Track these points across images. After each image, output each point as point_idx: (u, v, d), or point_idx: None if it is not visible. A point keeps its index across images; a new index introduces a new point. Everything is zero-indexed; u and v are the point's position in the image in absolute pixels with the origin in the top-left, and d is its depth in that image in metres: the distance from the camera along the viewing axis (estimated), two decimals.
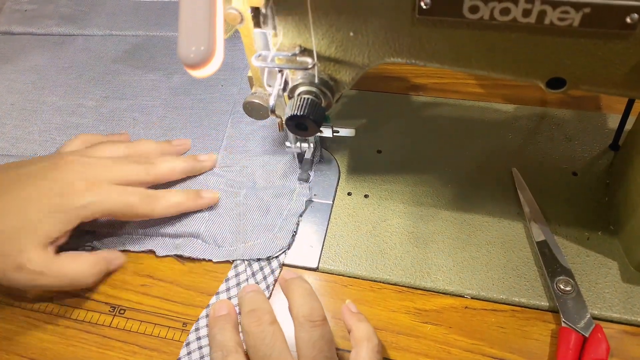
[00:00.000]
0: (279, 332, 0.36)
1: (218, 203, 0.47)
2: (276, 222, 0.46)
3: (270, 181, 0.49)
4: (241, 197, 0.48)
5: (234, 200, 0.47)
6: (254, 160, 0.51)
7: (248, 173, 0.50)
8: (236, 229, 0.45)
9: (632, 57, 0.29)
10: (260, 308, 0.38)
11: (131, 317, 0.42)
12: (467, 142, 0.51)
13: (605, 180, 0.47)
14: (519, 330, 0.39)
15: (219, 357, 0.36)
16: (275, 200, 0.47)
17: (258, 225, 0.46)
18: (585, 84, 0.31)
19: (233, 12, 0.34)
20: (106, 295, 0.43)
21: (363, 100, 0.57)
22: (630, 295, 0.40)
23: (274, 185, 0.49)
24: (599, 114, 0.53)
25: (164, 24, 0.67)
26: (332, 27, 0.32)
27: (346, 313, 0.38)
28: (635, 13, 0.27)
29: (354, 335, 0.36)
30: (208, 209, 0.47)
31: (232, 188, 0.48)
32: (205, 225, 0.45)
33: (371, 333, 0.36)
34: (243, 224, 0.46)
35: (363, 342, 0.35)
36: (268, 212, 0.46)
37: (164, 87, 0.59)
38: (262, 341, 0.35)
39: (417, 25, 0.31)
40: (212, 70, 0.31)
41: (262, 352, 0.35)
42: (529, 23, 0.28)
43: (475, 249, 0.44)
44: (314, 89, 0.35)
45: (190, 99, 0.58)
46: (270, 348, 0.35)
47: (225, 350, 0.36)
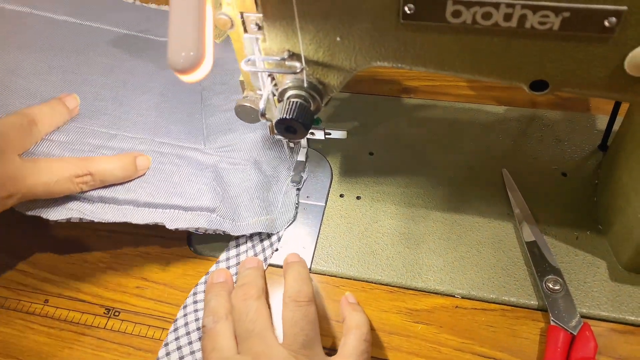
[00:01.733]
0: (264, 309, 0.37)
1: (226, 179, 0.48)
2: (277, 198, 0.48)
3: (265, 155, 0.50)
4: (247, 173, 0.49)
5: (240, 176, 0.48)
6: (244, 138, 0.51)
7: (244, 149, 0.50)
8: (249, 203, 0.46)
9: (611, 59, 0.29)
10: (250, 283, 0.39)
11: (126, 319, 0.42)
12: (457, 144, 0.52)
13: (594, 180, 0.48)
14: (509, 329, 0.40)
15: (209, 322, 0.38)
16: (275, 174, 0.49)
17: (265, 200, 0.47)
18: (568, 86, 0.32)
19: (223, 17, 0.35)
20: (101, 297, 0.44)
21: (355, 103, 0.57)
22: (618, 294, 0.40)
23: (268, 160, 0.50)
24: (588, 115, 0.53)
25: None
26: (319, 32, 0.33)
27: (343, 303, 0.40)
28: (613, 17, 0.27)
29: (346, 324, 0.38)
30: (219, 184, 0.47)
31: (235, 165, 0.49)
32: (221, 200, 0.46)
33: (362, 322, 0.37)
34: (252, 199, 0.47)
35: (352, 329, 0.37)
36: (270, 188, 0.48)
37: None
38: (246, 316, 0.37)
39: (402, 29, 0.31)
40: (202, 75, 0.31)
41: (244, 327, 0.36)
42: (510, 27, 0.29)
43: (466, 249, 0.44)
44: (302, 92, 0.36)
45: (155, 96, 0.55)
46: (252, 323, 0.36)
47: (216, 316, 0.38)
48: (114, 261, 0.46)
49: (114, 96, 0.51)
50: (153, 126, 0.50)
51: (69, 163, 0.41)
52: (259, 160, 0.50)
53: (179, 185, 0.45)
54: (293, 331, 0.36)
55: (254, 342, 0.35)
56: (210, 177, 0.47)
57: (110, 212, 0.42)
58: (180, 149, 0.49)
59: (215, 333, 0.37)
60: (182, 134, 0.51)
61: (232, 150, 0.50)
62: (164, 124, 0.51)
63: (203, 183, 0.46)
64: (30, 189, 0.38)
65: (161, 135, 0.49)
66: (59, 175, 0.39)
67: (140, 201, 0.43)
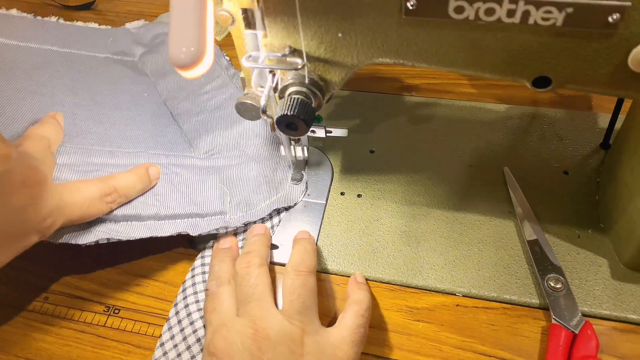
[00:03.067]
0: (265, 275, 0.38)
1: (229, 176, 0.48)
2: (286, 175, 0.49)
3: (255, 143, 0.51)
4: (246, 165, 0.49)
5: (241, 170, 0.49)
6: (225, 136, 0.51)
7: (231, 146, 0.51)
8: (257, 190, 0.47)
9: (615, 56, 0.29)
10: (254, 251, 0.40)
11: (126, 317, 0.42)
12: (459, 142, 0.52)
13: (596, 178, 0.47)
14: (510, 328, 0.40)
15: (212, 286, 0.39)
16: (273, 154, 0.50)
17: (271, 181, 0.48)
18: (571, 83, 0.31)
19: (224, 13, 0.34)
20: (101, 295, 0.44)
21: (356, 101, 0.57)
22: (620, 293, 0.40)
23: (260, 145, 0.51)
24: (590, 113, 0.53)
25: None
26: (320, 28, 0.33)
27: (351, 282, 0.41)
28: (617, 13, 0.27)
29: (348, 300, 0.39)
30: (225, 183, 0.47)
31: (231, 163, 0.49)
32: (229, 198, 0.46)
33: (363, 298, 0.39)
34: (259, 185, 0.48)
35: (352, 304, 0.38)
36: (275, 168, 0.49)
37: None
38: (247, 281, 0.38)
39: (404, 25, 0.31)
40: (203, 71, 0.31)
41: (245, 292, 0.37)
42: (513, 23, 0.29)
43: (467, 247, 0.44)
44: (304, 89, 0.36)
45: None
46: (252, 288, 0.37)
47: (219, 281, 0.39)
48: (113, 259, 0.46)
49: (91, 115, 0.51)
50: (142, 139, 0.50)
51: (94, 184, 0.40)
52: (251, 150, 0.50)
53: (187, 195, 0.45)
54: (290, 298, 0.37)
55: (253, 306, 0.36)
56: (214, 180, 0.47)
57: (136, 229, 0.42)
58: (174, 157, 0.49)
59: (217, 296, 0.38)
60: (169, 144, 0.51)
61: (221, 151, 0.50)
62: (150, 137, 0.51)
63: (209, 187, 0.46)
64: (68, 216, 0.38)
65: (153, 147, 0.50)
66: (90, 197, 0.39)
67: (161, 214, 0.43)
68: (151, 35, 0.66)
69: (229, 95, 0.56)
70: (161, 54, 0.62)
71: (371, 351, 0.39)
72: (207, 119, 0.53)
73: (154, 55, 0.62)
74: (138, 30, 0.67)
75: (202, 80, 0.58)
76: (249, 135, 0.52)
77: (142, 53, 0.63)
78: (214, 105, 0.55)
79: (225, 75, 0.59)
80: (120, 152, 0.47)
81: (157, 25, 0.67)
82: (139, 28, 0.68)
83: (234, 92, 0.56)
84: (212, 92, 0.57)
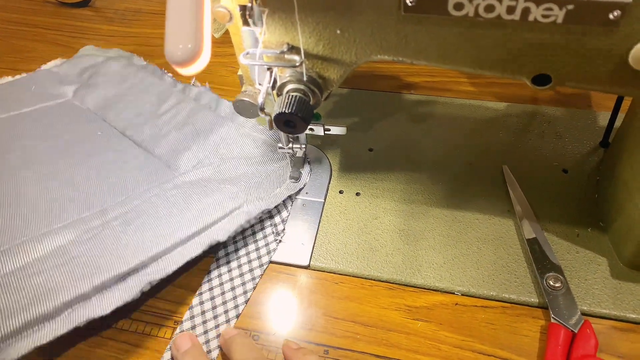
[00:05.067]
0: None
1: (231, 177, 0.48)
2: (283, 164, 0.50)
3: (239, 146, 0.51)
4: (240, 166, 0.49)
5: (238, 170, 0.49)
6: (204, 149, 0.51)
7: (217, 155, 0.50)
8: (266, 179, 0.48)
9: (615, 53, 0.29)
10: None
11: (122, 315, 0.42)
12: (458, 140, 0.52)
13: (595, 177, 0.47)
14: (509, 327, 0.39)
15: None
16: (265, 151, 0.51)
17: (274, 172, 0.49)
18: (571, 81, 0.31)
19: (222, 10, 0.34)
20: None
21: (354, 99, 0.57)
22: (619, 291, 0.40)
23: (246, 147, 0.51)
24: (590, 112, 0.53)
25: None
26: (318, 24, 0.32)
27: (288, 353, 0.38)
28: (617, 9, 0.27)
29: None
30: (230, 184, 0.47)
31: (223, 165, 0.49)
32: (239, 191, 0.46)
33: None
34: (267, 176, 0.48)
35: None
36: (273, 161, 0.50)
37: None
38: None
39: (403, 22, 0.31)
40: (199, 68, 0.31)
41: None
42: (513, 20, 0.29)
43: (466, 246, 0.44)
44: (302, 86, 0.36)
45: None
46: None
47: None
48: None
49: (60, 183, 0.48)
50: (122, 184, 0.48)
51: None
52: (236, 153, 0.51)
53: (197, 209, 0.44)
54: None
55: None
56: (214, 185, 0.47)
57: (170, 262, 0.41)
58: (167, 183, 0.48)
59: None
60: (151, 175, 0.49)
61: (205, 164, 0.50)
62: (128, 177, 0.48)
63: (213, 191, 0.46)
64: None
65: (138, 185, 0.48)
66: None
67: (184, 237, 0.42)
68: (78, 71, 0.63)
69: (190, 110, 0.55)
70: (99, 88, 0.60)
71: (369, 350, 0.39)
72: (178, 138, 0.52)
73: (92, 91, 0.60)
74: (60, 69, 0.64)
75: (155, 102, 0.57)
76: (227, 141, 0.51)
77: (76, 90, 0.60)
78: (179, 124, 0.54)
79: (175, 91, 0.58)
80: (111, 206, 0.45)
81: (80, 60, 0.65)
82: (60, 66, 0.64)
83: (193, 105, 0.56)
84: (170, 111, 0.56)
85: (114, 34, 0.70)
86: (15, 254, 0.40)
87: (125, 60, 0.63)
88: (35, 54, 0.68)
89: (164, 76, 0.61)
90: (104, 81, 0.61)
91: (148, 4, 0.75)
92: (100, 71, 0.62)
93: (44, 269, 0.39)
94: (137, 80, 0.61)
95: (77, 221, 0.44)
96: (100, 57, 0.65)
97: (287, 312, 0.41)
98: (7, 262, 0.40)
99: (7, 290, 0.37)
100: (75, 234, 0.42)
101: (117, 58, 0.64)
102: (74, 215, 0.44)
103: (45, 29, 0.72)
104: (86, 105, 0.59)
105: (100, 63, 0.63)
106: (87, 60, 0.64)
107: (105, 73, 0.62)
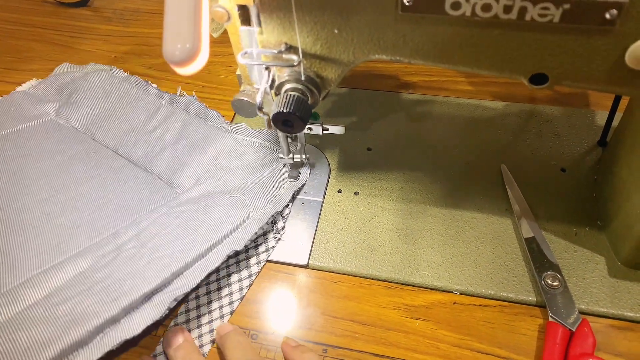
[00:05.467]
0: None
1: (234, 186, 0.48)
2: (285, 170, 0.50)
3: (235, 156, 0.51)
4: (239, 175, 0.49)
5: (238, 179, 0.49)
6: (200, 164, 0.51)
7: (215, 169, 0.50)
8: (270, 184, 0.48)
9: (612, 52, 0.29)
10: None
11: None
12: (456, 139, 0.52)
13: (593, 176, 0.47)
14: (507, 325, 0.39)
15: None
16: (260, 156, 0.51)
17: (273, 174, 0.49)
18: (568, 80, 0.31)
19: (220, 10, 0.34)
20: None
21: (353, 98, 0.57)
22: (617, 290, 0.40)
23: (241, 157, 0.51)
24: (588, 111, 0.53)
25: None
26: (316, 24, 0.33)
27: (287, 350, 0.38)
28: (614, 9, 0.27)
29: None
30: (236, 191, 0.47)
31: (225, 177, 0.49)
32: (246, 199, 0.46)
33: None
34: (270, 179, 0.49)
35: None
36: (271, 165, 0.50)
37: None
38: None
39: (400, 22, 0.31)
40: (197, 68, 0.31)
41: None
42: (510, 19, 0.29)
43: (464, 245, 0.44)
44: (300, 86, 0.36)
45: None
46: None
47: None
48: None
49: (63, 208, 0.47)
50: (135, 203, 0.48)
51: None
52: (234, 164, 0.50)
53: (212, 223, 0.44)
54: None
55: None
56: (224, 197, 0.47)
57: (191, 277, 0.41)
58: (173, 201, 0.47)
59: None
60: (155, 194, 0.49)
61: (207, 178, 0.49)
62: (133, 199, 0.48)
63: (220, 204, 0.46)
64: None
65: (148, 205, 0.48)
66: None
67: (203, 252, 0.42)
68: (56, 89, 0.60)
69: (182, 123, 0.54)
70: (83, 106, 0.57)
71: (368, 349, 0.39)
72: (174, 154, 0.52)
73: (75, 109, 0.57)
74: (37, 89, 0.61)
75: (143, 118, 0.55)
76: (225, 152, 0.51)
77: (58, 108, 0.58)
78: (173, 139, 0.53)
79: (163, 103, 0.57)
80: (121, 229, 0.45)
81: (57, 78, 0.62)
82: (37, 87, 0.61)
83: (185, 117, 0.55)
84: (161, 126, 0.54)
85: (112, 34, 0.70)
86: (36, 284, 0.40)
87: (105, 73, 0.61)
88: (34, 54, 0.68)
89: (148, 87, 0.59)
90: (87, 97, 0.58)
91: (146, 3, 0.75)
92: (81, 87, 0.59)
93: (68, 296, 0.39)
94: (122, 94, 0.58)
95: (90, 247, 0.43)
96: (78, 72, 0.62)
97: (286, 311, 0.41)
98: (29, 293, 0.39)
99: (36, 321, 0.37)
100: (92, 260, 0.42)
101: (96, 72, 0.61)
102: (86, 241, 0.44)
103: (43, 29, 0.72)
104: (72, 125, 0.57)
105: (79, 78, 0.60)
106: (64, 77, 0.61)
107: (87, 89, 0.59)
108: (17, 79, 0.63)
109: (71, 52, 0.68)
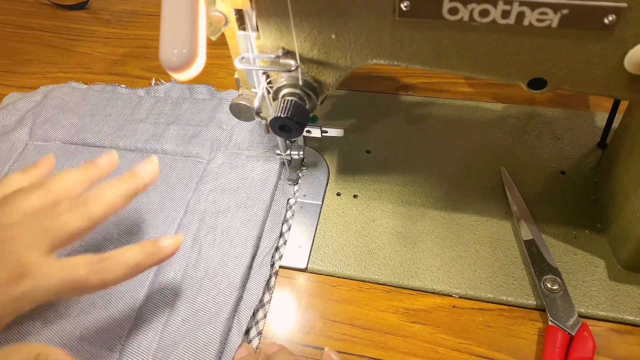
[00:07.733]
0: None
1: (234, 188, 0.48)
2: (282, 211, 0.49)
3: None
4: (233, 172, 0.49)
5: (235, 173, 0.49)
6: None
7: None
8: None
9: (611, 57, 0.29)
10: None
11: None
12: (455, 142, 0.51)
13: (593, 178, 0.47)
14: (506, 329, 0.39)
15: None
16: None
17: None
18: (566, 85, 0.31)
19: (217, 14, 0.34)
20: None
21: (352, 101, 0.57)
22: (617, 293, 0.40)
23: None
24: (587, 113, 0.53)
25: None
26: (313, 29, 0.32)
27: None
28: (612, 14, 0.27)
29: None
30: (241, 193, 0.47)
31: (225, 183, 0.49)
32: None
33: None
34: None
35: None
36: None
37: None
38: None
39: (398, 27, 0.31)
40: (195, 73, 0.31)
41: None
42: (508, 24, 0.29)
43: (464, 248, 0.44)
44: (297, 90, 0.36)
45: None
46: None
47: None
48: None
49: (121, 222, 0.46)
50: (173, 187, 0.49)
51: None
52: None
53: (230, 233, 0.45)
54: None
55: None
56: (229, 199, 0.47)
57: (257, 288, 0.42)
58: (205, 172, 0.49)
59: None
60: (185, 171, 0.50)
61: (219, 148, 0.51)
62: (171, 183, 0.49)
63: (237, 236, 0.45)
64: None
65: (185, 184, 0.49)
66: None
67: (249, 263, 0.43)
68: (17, 118, 0.57)
69: (172, 104, 0.55)
70: (60, 120, 0.55)
71: (367, 353, 0.39)
72: (179, 131, 0.53)
73: (52, 125, 0.55)
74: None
75: (129, 111, 0.55)
76: (224, 120, 0.52)
77: (30, 131, 0.55)
78: (172, 118, 0.54)
79: (142, 95, 0.57)
80: (185, 220, 0.46)
81: (13, 107, 0.58)
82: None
83: (172, 100, 0.55)
84: (152, 113, 0.55)
85: (111, 36, 0.70)
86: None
87: (65, 87, 0.59)
88: (32, 57, 0.68)
89: (117, 88, 0.58)
90: (60, 112, 0.56)
91: (145, 6, 0.75)
92: (47, 105, 0.57)
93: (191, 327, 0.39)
94: (94, 100, 0.57)
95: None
96: (34, 97, 0.59)
97: (285, 315, 0.41)
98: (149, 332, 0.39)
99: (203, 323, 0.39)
100: (182, 262, 0.43)
101: (56, 88, 0.59)
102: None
103: (41, 32, 0.72)
104: (55, 141, 0.54)
105: (41, 100, 0.58)
106: (21, 104, 0.58)
107: (54, 105, 0.57)
108: (15, 82, 0.63)
109: (70, 54, 0.68)
